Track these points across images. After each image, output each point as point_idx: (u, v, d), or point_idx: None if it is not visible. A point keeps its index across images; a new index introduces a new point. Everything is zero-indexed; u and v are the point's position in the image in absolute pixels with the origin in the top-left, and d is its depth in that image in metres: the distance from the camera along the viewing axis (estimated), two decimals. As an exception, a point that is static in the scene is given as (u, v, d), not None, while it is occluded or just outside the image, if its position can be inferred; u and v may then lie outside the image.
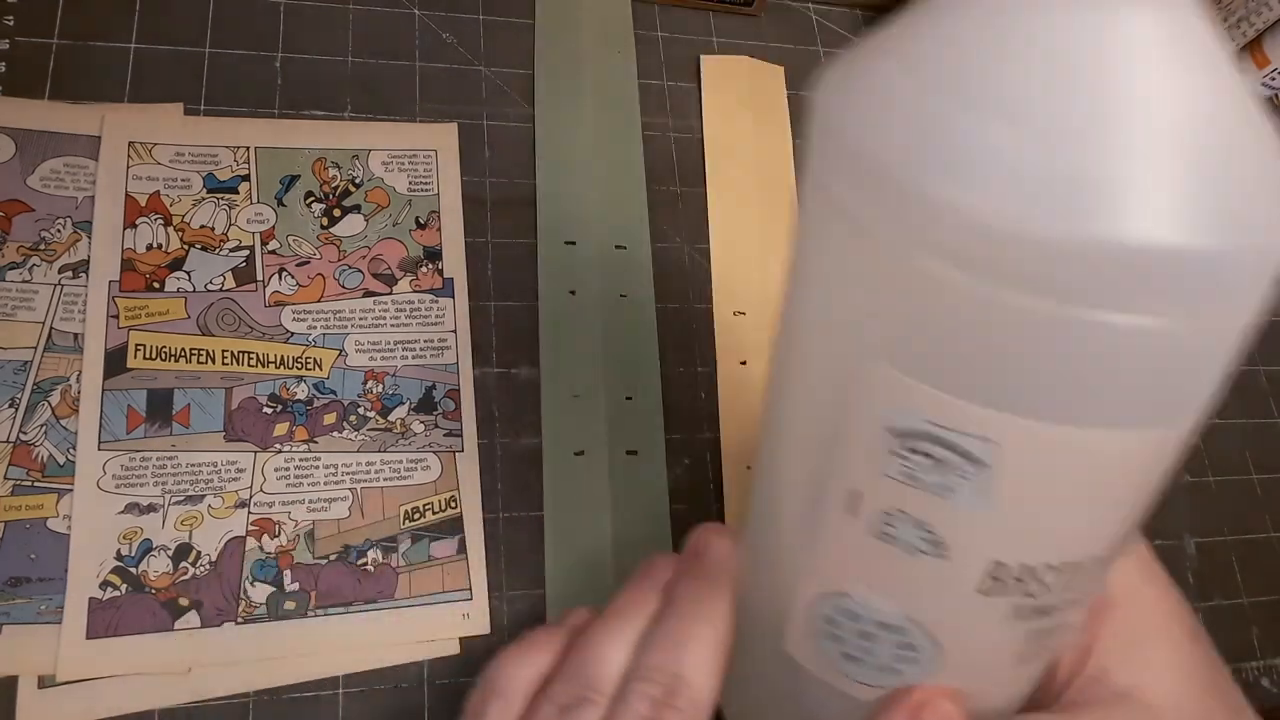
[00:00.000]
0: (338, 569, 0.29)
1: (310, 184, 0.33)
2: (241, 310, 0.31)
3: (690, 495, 0.33)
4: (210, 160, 0.32)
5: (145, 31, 0.33)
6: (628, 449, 0.32)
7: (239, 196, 0.32)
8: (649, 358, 0.34)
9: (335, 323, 0.31)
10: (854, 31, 0.43)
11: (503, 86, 0.37)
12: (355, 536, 0.29)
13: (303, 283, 0.32)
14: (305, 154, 0.33)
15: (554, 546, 0.31)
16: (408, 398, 0.31)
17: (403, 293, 0.32)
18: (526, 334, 0.33)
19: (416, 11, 0.37)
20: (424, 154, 0.34)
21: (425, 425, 0.31)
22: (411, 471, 0.30)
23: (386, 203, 0.33)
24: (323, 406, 0.30)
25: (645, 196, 0.36)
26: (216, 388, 0.30)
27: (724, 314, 0.35)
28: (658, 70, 0.39)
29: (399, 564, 0.29)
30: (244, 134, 0.33)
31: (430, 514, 0.30)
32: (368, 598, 0.28)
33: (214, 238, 0.31)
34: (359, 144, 0.34)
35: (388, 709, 0.28)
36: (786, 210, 0.38)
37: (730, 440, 0.34)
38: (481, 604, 0.29)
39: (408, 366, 0.31)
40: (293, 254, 0.32)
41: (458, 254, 0.33)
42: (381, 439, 0.30)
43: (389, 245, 0.33)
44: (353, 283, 0.32)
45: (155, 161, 0.32)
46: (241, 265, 0.31)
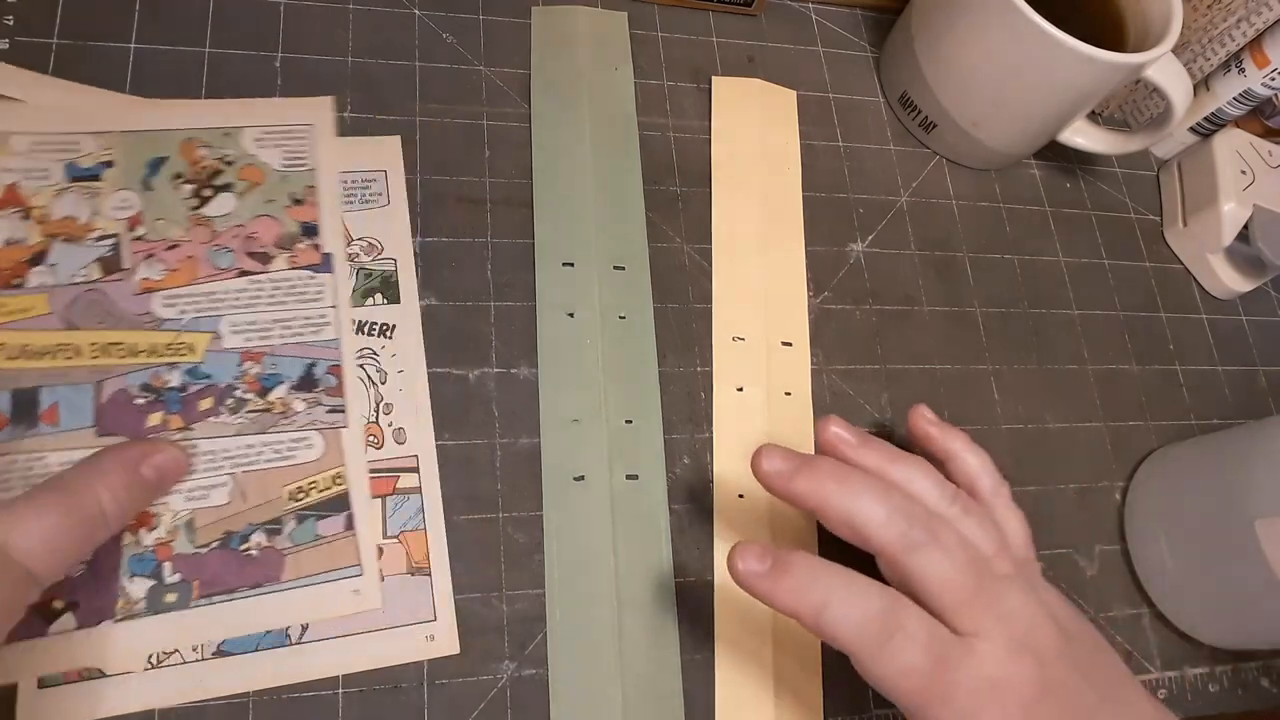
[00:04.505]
0: (220, 556, 0.28)
1: (179, 166, 0.32)
2: (109, 301, 0.30)
3: (689, 496, 0.33)
4: (70, 148, 0.31)
5: (145, 31, 0.33)
6: (628, 473, 0.32)
7: (103, 183, 0.31)
8: (649, 380, 0.34)
9: (208, 305, 0.30)
10: (854, 31, 0.43)
11: (503, 86, 0.37)
12: (237, 522, 0.28)
13: (173, 267, 0.31)
14: (173, 135, 0.32)
15: (554, 559, 0.31)
16: (287, 376, 0.30)
17: (279, 270, 0.31)
18: (526, 334, 0.33)
19: (416, 11, 0.37)
20: (299, 129, 0.33)
21: (307, 403, 0.30)
22: (295, 451, 0.30)
23: (261, 180, 0.32)
24: (197, 392, 0.30)
25: (644, 215, 0.36)
26: (85, 383, 0.29)
27: (723, 339, 0.35)
28: (657, 70, 0.39)
29: (285, 546, 0.28)
30: (107, 118, 0.32)
31: (315, 492, 0.29)
32: (253, 582, 0.28)
33: (78, 228, 0.30)
34: (231, 122, 0.33)
35: (387, 709, 0.28)
36: (795, 242, 0.38)
37: (723, 470, 0.34)
38: (373, 579, 0.29)
39: (286, 345, 0.31)
40: (161, 238, 0.31)
41: (335, 226, 0.32)
42: (261, 420, 0.30)
43: (263, 223, 0.32)
44: (226, 263, 0.31)
45: (12, 152, 0.30)
46: (108, 254, 0.30)
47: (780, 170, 0.39)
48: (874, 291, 0.38)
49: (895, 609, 0.25)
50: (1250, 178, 0.42)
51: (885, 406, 0.36)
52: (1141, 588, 0.36)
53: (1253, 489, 0.32)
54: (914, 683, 0.24)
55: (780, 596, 0.25)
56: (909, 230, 0.40)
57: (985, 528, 0.28)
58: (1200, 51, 0.42)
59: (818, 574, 0.25)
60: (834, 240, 0.39)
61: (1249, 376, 0.42)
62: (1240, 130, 0.43)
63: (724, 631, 0.31)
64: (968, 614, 0.25)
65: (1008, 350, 0.39)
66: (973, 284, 0.40)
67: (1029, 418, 0.38)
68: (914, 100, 0.40)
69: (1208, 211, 0.42)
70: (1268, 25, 0.39)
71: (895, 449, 0.29)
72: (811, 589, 0.25)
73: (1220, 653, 0.36)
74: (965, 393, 0.38)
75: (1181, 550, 0.35)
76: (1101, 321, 0.41)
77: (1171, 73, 0.36)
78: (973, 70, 0.37)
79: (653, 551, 0.32)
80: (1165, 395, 0.40)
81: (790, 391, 0.35)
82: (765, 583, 0.25)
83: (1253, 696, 0.36)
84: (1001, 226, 0.41)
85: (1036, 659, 0.25)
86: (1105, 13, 0.38)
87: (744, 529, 0.33)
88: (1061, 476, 0.37)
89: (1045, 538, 0.36)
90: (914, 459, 0.29)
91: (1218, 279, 0.42)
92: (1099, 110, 0.45)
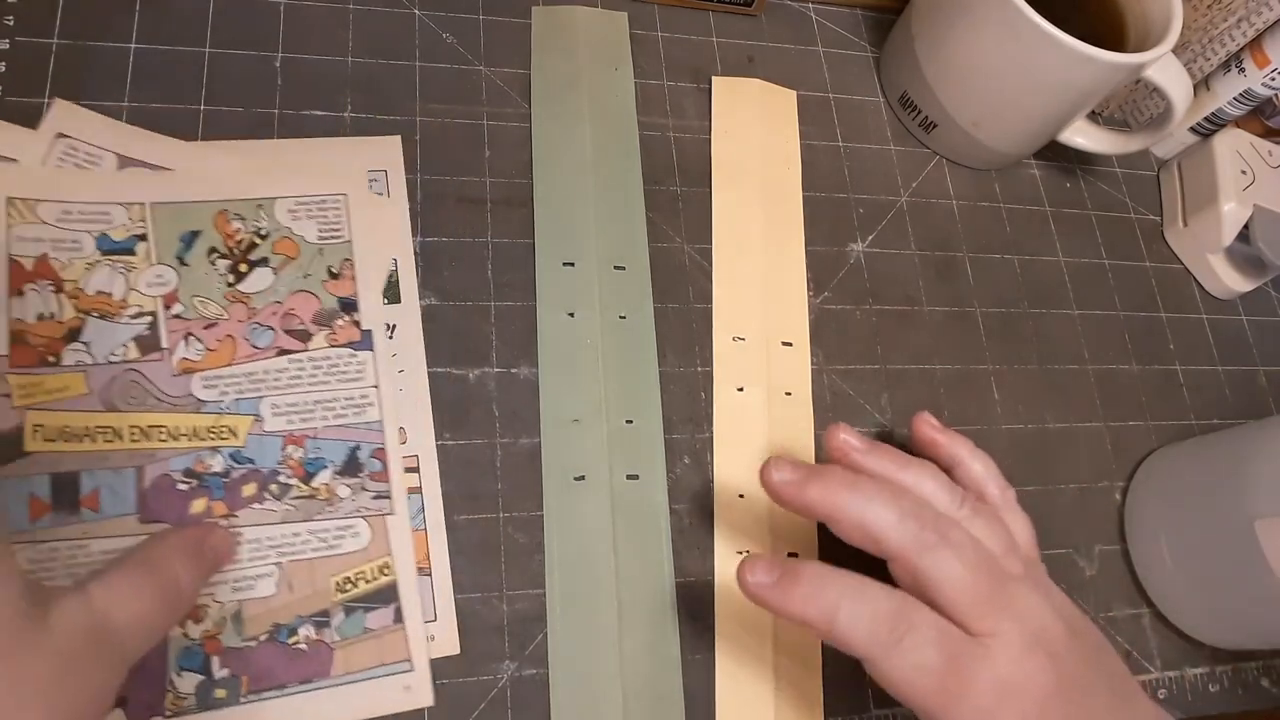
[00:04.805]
0: (268, 650, 0.27)
1: (213, 239, 0.31)
2: (148, 381, 0.29)
3: (689, 496, 0.33)
4: (102, 219, 0.30)
5: (145, 31, 0.33)
6: (629, 473, 0.32)
7: (136, 258, 0.30)
8: (649, 380, 0.34)
9: (248, 386, 0.29)
10: (854, 31, 0.43)
11: (503, 86, 0.37)
12: (285, 614, 0.28)
13: (211, 346, 0.30)
14: (205, 207, 0.31)
15: (554, 559, 0.31)
16: (331, 460, 0.29)
17: (319, 349, 0.30)
18: (526, 334, 0.33)
19: (416, 11, 0.37)
20: (332, 199, 0.32)
21: (351, 489, 0.29)
22: (341, 540, 0.29)
23: (296, 253, 0.31)
24: (241, 477, 0.29)
25: (644, 215, 0.36)
26: (126, 467, 0.28)
27: (723, 339, 0.35)
28: (657, 70, 0.39)
29: (333, 639, 0.28)
30: (138, 188, 0.31)
31: (363, 583, 0.29)
32: (302, 678, 0.27)
33: (112, 304, 0.29)
34: (263, 193, 0.32)
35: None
36: (795, 242, 0.38)
37: (724, 470, 0.34)
38: (424, 675, 0.28)
39: (329, 427, 0.30)
40: (198, 316, 0.30)
41: (375, 303, 0.32)
42: (306, 507, 0.29)
43: (301, 299, 0.31)
44: (265, 341, 0.30)
45: (40, 220, 0.29)
46: (144, 333, 0.29)
47: (780, 170, 0.39)
48: (874, 291, 0.38)
49: (906, 610, 0.25)
50: (1250, 178, 0.42)
51: (885, 407, 0.36)
52: (1141, 588, 0.36)
53: (1253, 489, 0.32)
54: (929, 682, 0.24)
55: (792, 606, 0.25)
56: (909, 230, 0.40)
57: (994, 529, 0.28)
58: (1200, 51, 0.42)
59: (827, 581, 0.25)
60: (834, 240, 0.39)
61: (1249, 376, 0.42)
62: (1240, 130, 0.43)
63: (724, 631, 0.31)
64: (982, 614, 0.25)
65: (1008, 350, 0.39)
66: (973, 284, 0.40)
67: (1029, 418, 0.38)
68: (914, 100, 0.40)
69: (1208, 211, 0.42)
70: (1268, 25, 0.39)
71: (903, 454, 0.29)
72: (822, 596, 0.25)
73: (1220, 653, 0.36)
74: (965, 393, 0.38)
75: (1181, 550, 0.35)
76: (1101, 321, 0.41)
77: (1171, 73, 0.36)
78: (973, 70, 0.37)
79: (653, 551, 0.32)
80: (1165, 395, 0.40)
81: (790, 391, 0.35)
82: (776, 594, 0.25)
83: (1253, 696, 0.36)
84: (1001, 226, 0.41)
85: (1050, 657, 0.25)
86: (1105, 13, 0.38)
87: (744, 529, 0.33)
88: (1061, 476, 0.37)
89: (1045, 538, 0.36)
90: (922, 463, 0.29)
91: (1218, 279, 0.42)
92: (1099, 110, 0.45)
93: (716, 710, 0.30)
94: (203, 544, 0.26)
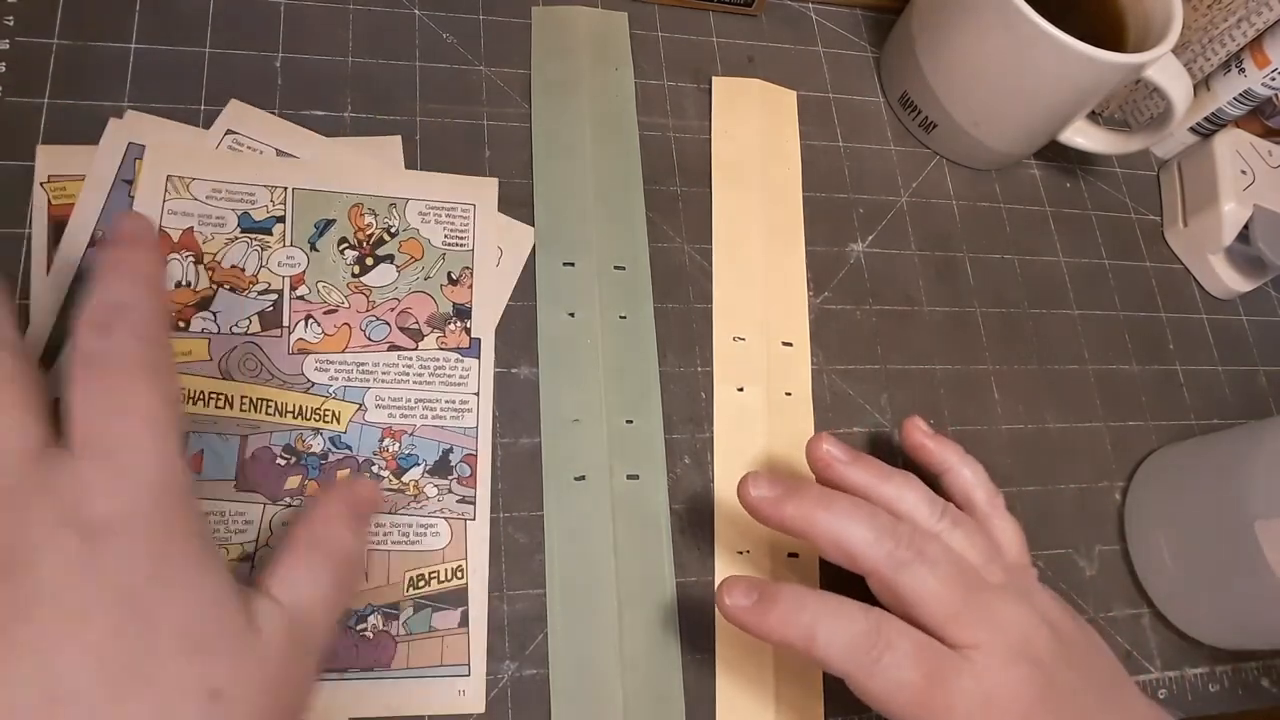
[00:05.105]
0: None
1: (345, 230, 0.32)
2: (265, 356, 0.30)
3: (689, 496, 0.33)
4: (247, 199, 0.32)
5: (145, 31, 0.33)
6: (629, 473, 0.32)
7: (273, 238, 0.31)
8: (650, 380, 0.34)
9: (358, 375, 0.31)
10: (854, 31, 0.43)
11: (503, 86, 0.37)
12: (358, 600, 0.28)
13: (329, 331, 0.31)
14: (343, 198, 0.33)
15: (554, 559, 0.31)
16: (424, 459, 0.30)
17: (428, 350, 0.31)
18: (526, 334, 0.33)
19: (416, 11, 0.37)
20: (462, 207, 0.34)
21: (439, 489, 0.30)
22: (421, 537, 0.29)
23: (420, 254, 0.33)
24: (337, 461, 0.29)
25: (644, 215, 0.36)
26: (231, 434, 0.29)
27: (723, 339, 0.35)
28: (657, 70, 0.39)
29: (399, 632, 0.28)
30: (284, 174, 0.32)
31: (436, 583, 0.29)
32: (364, 665, 0.28)
33: (244, 279, 0.31)
34: (399, 192, 0.33)
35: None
36: (795, 242, 0.38)
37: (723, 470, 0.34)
38: (479, 681, 0.29)
39: (426, 426, 0.31)
40: (321, 301, 0.31)
41: (489, 313, 0.33)
42: (393, 500, 0.30)
43: (419, 299, 0.32)
44: (379, 335, 0.31)
45: (192, 197, 0.31)
46: (269, 310, 0.30)
47: (780, 170, 0.39)
48: (874, 291, 0.38)
49: (884, 628, 0.25)
50: (1250, 178, 0.42)
51: (885, 407, 0.36)
52: (1141, 588, 0.36)
53: (1253, 490, 0.32)
54: (909, 697, 0.25)
55: (769, 628, 0.25)
56: (909, 230, 0.40)
57: (974, 539, 0.28)
58: (1200, 51, 0.42)
59: (804, 602, 0.26)
60: (834, 240, 0.39)
61: (1249, 376, 0.42)
62: (1240, 130, 0.43)
63: (724, 631, 0.31)
64: (960, 626, 0.25)
65: (1008, 350, 0.39)
66: (973, 284, 0.40)
67: (1029, 418, 0.38)
68: (914, 100, 0.40)
69: (1208, 211, 0.42)
70: (1268, 25, 0.39)
71: (885, 466, 0.29)
72: (799, 617, 0.25)
73: (1220, 653, 0.36)
74: (965, 393, 0.38)
75: (1181, 550, 0.35)
76: (1101, 321, 0.41)
77: (1171, 73, 0.36)
78: (973, 70, 0.37)
79: (653, 551, 0.32)
80: (1165, 395, 0.40)
81: (790, 391, 0.35)
82: (754, 616, 0.26)
83: (1253, 696, 0.36)
84: (1001, 226, 0.41)
85: (1033, 665, 0.25)
86: (1105, 13, 0.38)
87: (745, 529, 0.33)
88: (1061, 476, 0.37)
89: (1045, 538, 0.36)
90: (903, 475, 0.29)
91: (1218, 279, 0.42)
92: (1099, 110, 0.45)
93: (717, 710, 0.30)
94: (356, 501, 0.26)
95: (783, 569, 0.33)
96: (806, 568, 0.33)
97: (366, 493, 0.27)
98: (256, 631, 0.21)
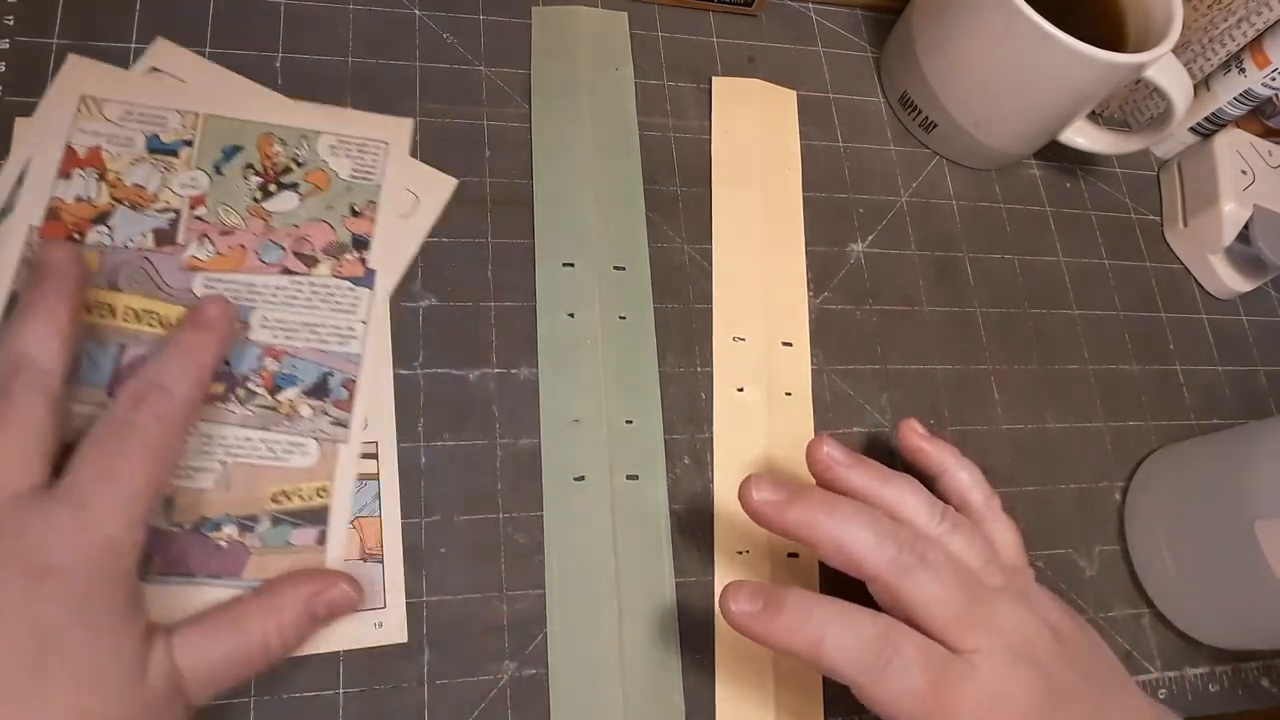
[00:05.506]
0: (190, 539, 0.28)
1: (253, 157, 0.33)
2: (155, 270, 0.30)
3: (689, 496, 0.33)
4: (158, 122, 0.32)
5: (145, 32, 0.33)
6: (629, 474, 0.32)
7: (178, 160, 0.32)
8: (649, 380, 0.34)
9: (246, 294, 0.31)
10: (854, 31, 0.43)
11: (503, 86, 0.37)
12: (215, 509, 0.28)
13: (222, 251, 0.31)
14: (254, 127, 0.33)
15: (554, 559, 0.31)
16: (301, 380, 0.30)
17: (321, 276, 0.32)
18: (526, 334, 0.33)
19: (416, 11, 0.37)
20: (374, 143, 0.34)
21: (314, 410, 0.30)
22: (289, 454, 0.30)
23: (326, 185, 0.33)
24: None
25: (644, 215, 0.36)
26: (110, 342, 0.29)
27: (723, 339, 0.35)
28: (657, 70, 0.39)
29: (254, 545, 0.28)
30: (197, 101, 0.33)
31: (298, 500, 0.29)
32: (212, 572, 0.28)
33: (145, 197, 0.31)
34: (311, 125, 0.34)
35: (389, 709, 0.28)
36: (795, 241, 0.38)
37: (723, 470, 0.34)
38: (397, 614, 0.29)
39: (309, 349, 0.31)
40: (219, 222, 0.31)
41: (389, 248, 0.33)
42: (265, 417, 0.30)
43: (318, 227, 0.32)
44: (272, 258, 0.32)
45: (104, 118, 0.32)
46: (165, 227, 0.31)
47: (780, 170, 0.39)
48: (874, 291, 0.38)
49: (891, 634, 0.25)
50: (1250, 178, 0.42)
51: (885, 407, 0.36)
52: (1141, 588, 0.36)
53: (1253, 489, 0.32)
54: (915, 703, 0.25)
55: (776, 636, 0.25)
56: (909, 230, 0.40)
57: (973, 542, 0.28)
58: (1200, 51, 0.42)
59: (811, 609, 0.25)
60: (834, 240, 0.39)
61: (1249, 376, 0.42)
62: (1240, 130, 0.43)
63: (724, 632, 0.31)
64: (962, 630, 0.26)
65: (1008, 350, 0.39)
66: (973, 284, 0.40)
67: (1029, 418, 0.38)
68: (914, 100, 0.40)
69: (1208, 211, 0.42)
70: (1268, 25, 0.39)
71: (885, 469, 0.29)
72: (807, 624, 0.25)
73: (1220, 653, 0.36)
74: (965, 393, 0.38)
75: (1181, 550, 0.35)
76: (1101, 321, 0.41)
77: (1171, 73, 0.36)
78: (973, 70, 0.37)
79: (653, 552, 0.32)
80: (1165, 395, 0.40)
81: (790, 392, 0.35)
82: (760, 624, 0.25)
83: (1253, 696, 0.36)
84: (1001, 226, 0.41)
85: (1036, 667, 0.26)
86: (1105, 13, 0.38)
87: (744, 529, 0.33)
88: (1061, 477, 0.37)
89: (1045, 538, 0.36)
90: (903, 479, 0.29)
91: (1218, 279, 0.42)
92: (1099, 110, 0.45)
93: (716, 710, 0.30)
94: (316, 600, 0.26)
95: (782, 570, 0.33)
96: (806, 568, 0.33)
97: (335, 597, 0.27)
98: (143, 681, 0.23)
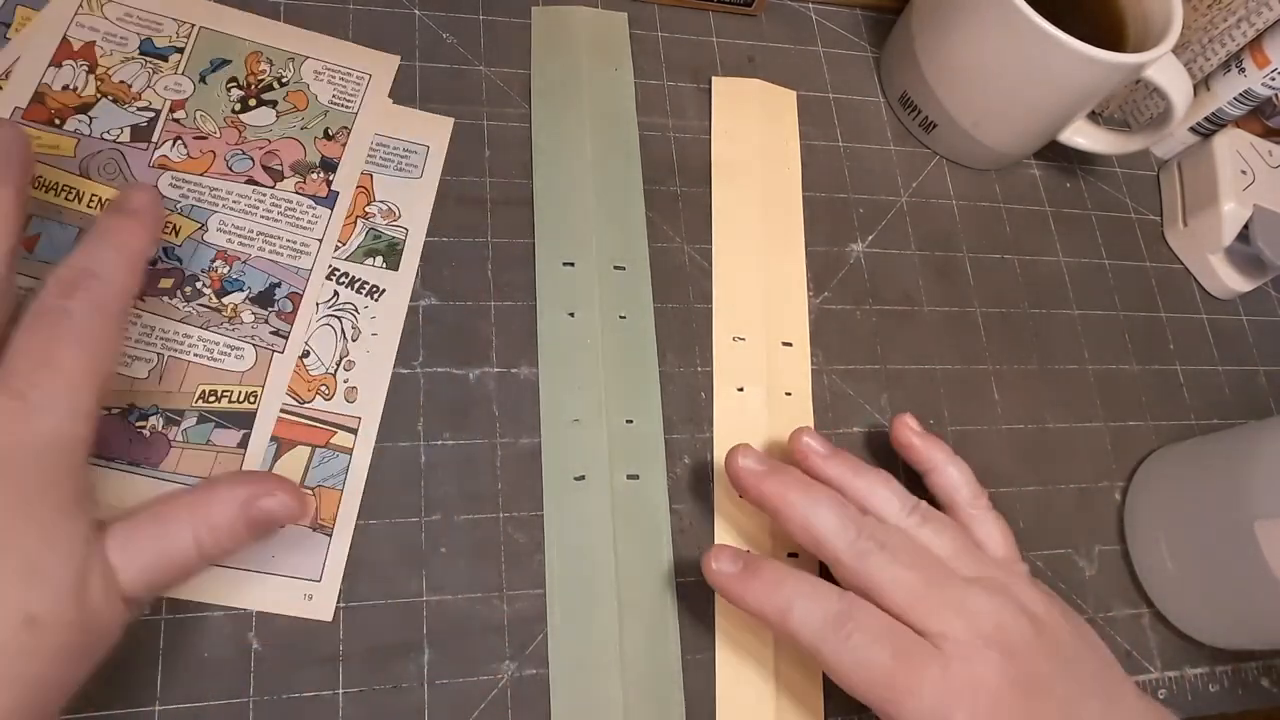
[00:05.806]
0: (114, 423, 0.28)
1: (238, 71, 0.34)
2: (125, 163, 0.31)
3: (689, 496, 0.33)
4: (154, 26, 0.33)
5: (145, 31, 0.33)
6: (629, 473, 0.32)
7: (166, 64, 0.33)
8: (649, 380, 0.34)
9: (209, 198, 0.32)
10: (854, 32, 0.43)
11: (503, 86, 0.37)
12: (143, 399, 0.29)
13: (193, 155, 0.32)
14: (245, 44, 0.34)
15: (554, 559, 0.31)
16: (249, 286, 0.31)
17: (284, 191, 0.33)
18: (526, 334, 0.33)
19: (416, 11, 0.37)
20: (358, 74, 0.35)
21: (256, 318, 0.31)
22: (225, 356, 0.30)
23: (304, 106, 0.34)
24: (164, 270, 0.31)
25: (644, 215, 0.36)
26: (72, 225, 0.30)
27: (723, 339, 0.35)
28: (657, 70, 0.39)
29: (176, 438, 0.29)
30: (197, 12, 0.34)
31: (226, 401, 0.30)
32: (133, 459, 0.28)
33: (128, 94, 0.32)
34: (300, 49, 0.35)
35: (389, 709, 0.28)
36: (795, 241, 0.38)
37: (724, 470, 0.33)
38: (329, 591, 0.29)
39: (261, 258, 0.31)
40: (195, 127, 0.32)
41: (353, 172, 0.33)
42: (207, 316, 0.30)
43: (289, 144, 0.33)
44: (241, 167, 0.32)
45: (104, 16, 0.33)
46: (142, 125, 0.32)
47: (780, 170, 0.39)
48: (874, 291, 0.38)
49: (855, 610, 0.26)
50: (1250, 178, 0.42)
51: (885, 407, 0.36)
52: (1141, 588, 0.36)
53: (1253, 489, 0.32)
54: (875, 675, 0.25)
55: (748, 598, 0.27)
56: (909, 230, 0.40)
57: (943, 534, 0.29)
58: (1200, 51, 0.42)
59: (784, 580, 0.27)
60: (834, 240, 0.39)
61: (1249, 376, 0.42)
62: (1240, 130, 0.43)
63: (725, 631, 0.31)
64: (925, 612, 0.26)
65: (1008, 350, 0.39)
66: (973, 284, 0.40)
67: (1029, 418, 0.38)
68: (914, 100, 0.40)
69: (1208, 211, 0.42)
70: (1268, 25, 0.39)
71: (860, 462, 0.30)
72: (777, 592, 0.27)
73: (1220, 653, 0.36)
74: (965, 393, 0.38)
75: (1181, 550, 0.35)
76: (1101, 321, 0.41)
77: (1171, 73, 0.36)
78: (973, 70, 0.37)
79: (653, 551, 0.32)
80: (1165, 395, 0.40)
81: (791, 391, 0.35)
82: (736, 584, 0.28)
83: (1253, 696, 0.36)
84: (1001, 226, 0.41)
85: (1005, 654, 0.26)
86: (1105, 13, 0.38)
87: (745, 529, 0.33)
88: (1061, 476, 0.37)
89: (1045, 538, 0.36)
90: (877, 473, 0.30)
91: (1218, 279, 0.42)
92: (1099, 110, 0.45)
93: (717, 710, 0.30)
94: (255, 502, 0.25)
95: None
96: (806, 569, 0.33)
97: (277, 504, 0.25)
98: (86, 583, 0.22)
